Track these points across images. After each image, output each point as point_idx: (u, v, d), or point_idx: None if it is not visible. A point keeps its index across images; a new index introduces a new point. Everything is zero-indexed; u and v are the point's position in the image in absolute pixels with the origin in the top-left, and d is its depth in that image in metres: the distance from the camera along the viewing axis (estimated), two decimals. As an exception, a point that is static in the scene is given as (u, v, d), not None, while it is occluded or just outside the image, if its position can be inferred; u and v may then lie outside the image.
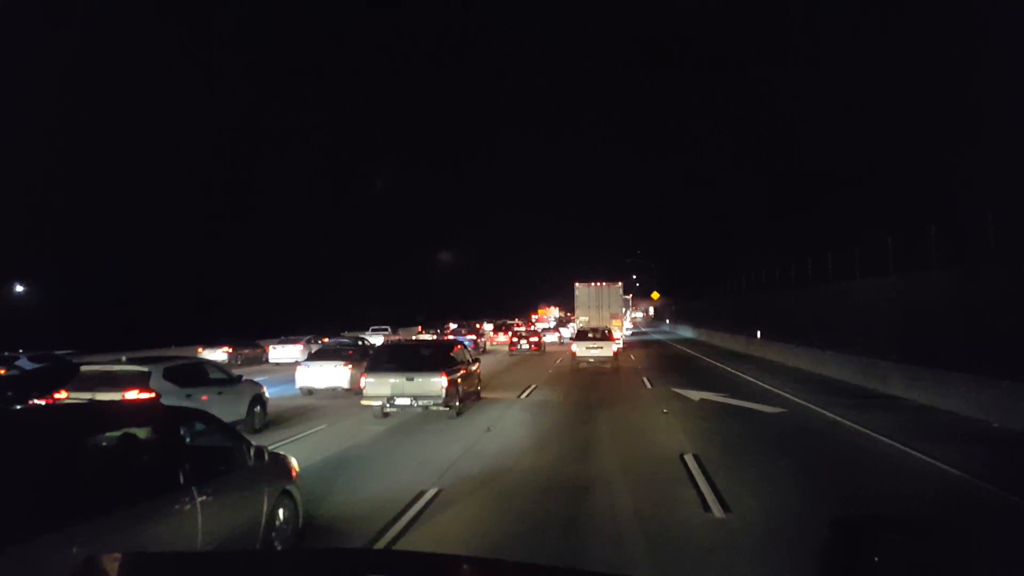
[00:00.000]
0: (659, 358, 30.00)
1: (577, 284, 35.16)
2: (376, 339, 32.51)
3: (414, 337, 37.45)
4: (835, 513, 2.93)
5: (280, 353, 29.99)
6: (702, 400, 15.38)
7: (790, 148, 37.37)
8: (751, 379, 19.71)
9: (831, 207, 27.56)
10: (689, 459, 9.23)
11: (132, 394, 9.76)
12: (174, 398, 9.87)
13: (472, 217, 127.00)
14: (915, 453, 9.52)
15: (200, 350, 27.34)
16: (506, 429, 11.97)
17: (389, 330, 45.74)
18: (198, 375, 11.41)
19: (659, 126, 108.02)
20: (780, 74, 41.12)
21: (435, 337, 35.72)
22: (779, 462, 9.18)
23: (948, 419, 12.27)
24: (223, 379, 11.93)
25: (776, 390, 16.86)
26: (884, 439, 10.54)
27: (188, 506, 4.40)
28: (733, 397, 15.62)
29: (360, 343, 25.28)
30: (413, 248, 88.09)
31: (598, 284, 34.97)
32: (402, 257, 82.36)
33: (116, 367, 10.71)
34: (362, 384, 13.18)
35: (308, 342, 30.25)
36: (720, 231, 53.75)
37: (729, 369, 23.14)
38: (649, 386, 18.53)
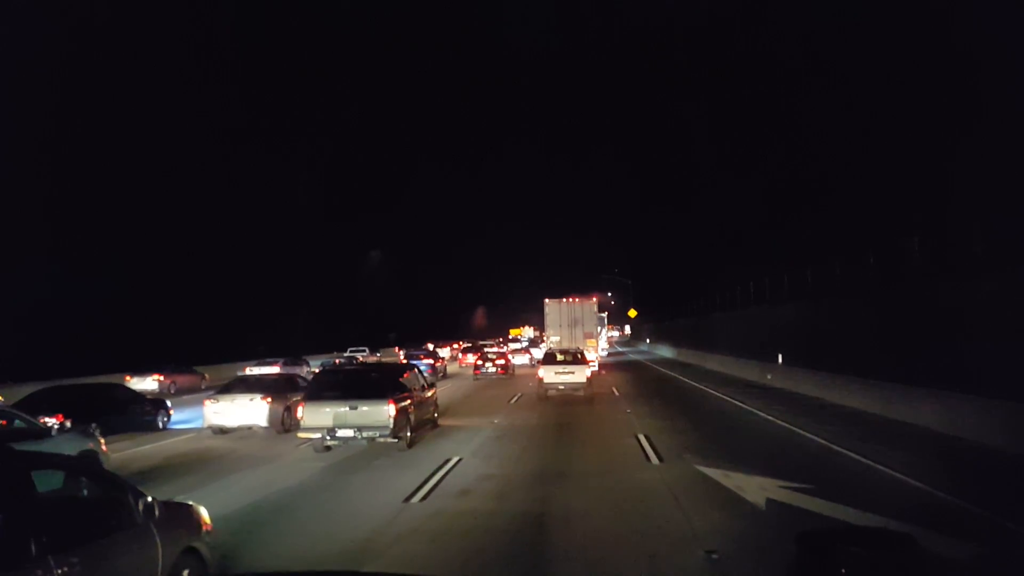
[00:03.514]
0: (652, 392, 22.30)
1: (547, 301, 31.16)
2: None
3: (402, 358, 35.87)
4: None
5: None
6: (772, 504, 7.77)
7: (808, 130, 30.63)
8: (812, 436, 12.22)
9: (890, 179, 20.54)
10: None
11: None
12: None
13: (449, 235, 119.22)
14: None
15: (128, 379, 24.77)
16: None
17: (367, 351, 43.84)
18: None
19: (639, 135, 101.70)
20: (780, 78, 35.15)
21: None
22: None
23: None
24: (29, 432, 9.09)
25: (891, 471, 9.36)
26: None
27: None
28: (825, 495, 8.01)
29: (353, 362, 26.50)
30: (394, 267, 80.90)
31: (571, 300, 31.01)
32: (379, 276, 75.41)
33: None
34: (299, 414, 11.79)
35: (285, 364, 28.63)
36: (712, 238, 46.89)
37: (762, 414, 15.59)
38: (655, 459, 10.69)
